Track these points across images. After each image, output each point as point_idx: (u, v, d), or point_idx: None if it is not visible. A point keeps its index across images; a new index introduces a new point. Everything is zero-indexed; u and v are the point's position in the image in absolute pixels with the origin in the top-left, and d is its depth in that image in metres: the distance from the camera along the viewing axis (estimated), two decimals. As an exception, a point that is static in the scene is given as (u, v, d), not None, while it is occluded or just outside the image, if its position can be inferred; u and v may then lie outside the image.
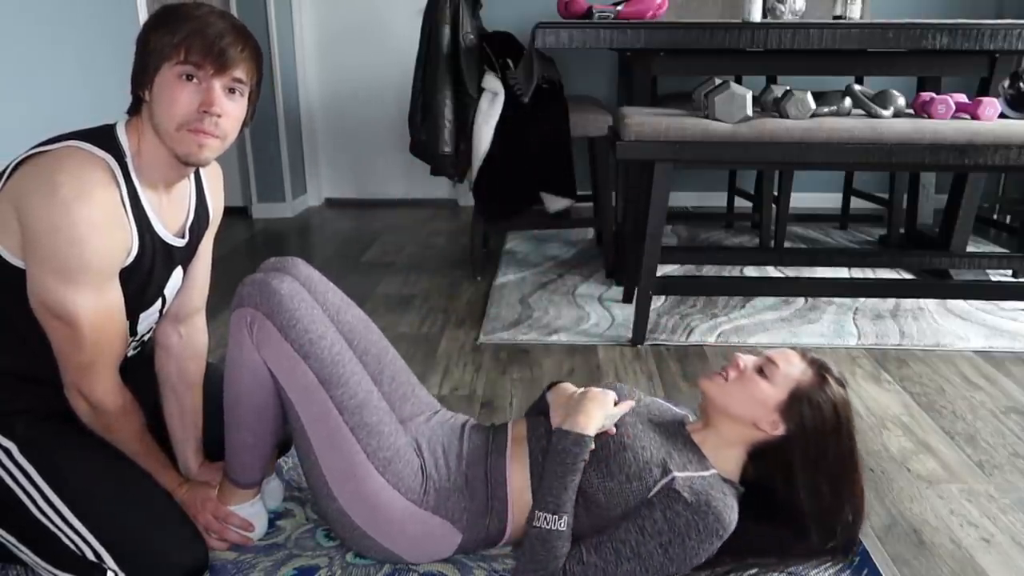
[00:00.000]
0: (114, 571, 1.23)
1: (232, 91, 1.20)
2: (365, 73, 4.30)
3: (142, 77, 1.19)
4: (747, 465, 1.34)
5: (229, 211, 4.02)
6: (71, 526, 1.23)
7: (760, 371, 1.32)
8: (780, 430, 1.29)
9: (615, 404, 1.35)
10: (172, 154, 1.22)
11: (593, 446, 1.30)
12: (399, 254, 3.48)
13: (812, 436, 1.28)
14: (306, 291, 1.35)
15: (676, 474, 1.26)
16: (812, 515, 1.29)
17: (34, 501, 1.23)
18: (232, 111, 1.21)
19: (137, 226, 1.23)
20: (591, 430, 1.30)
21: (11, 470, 1.24)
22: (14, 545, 1.27)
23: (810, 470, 1.28)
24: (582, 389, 1.39)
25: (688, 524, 1.22)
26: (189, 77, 1.16)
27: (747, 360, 1.34)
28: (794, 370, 1.31)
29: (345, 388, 1.29)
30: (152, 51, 1.17)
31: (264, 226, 4.01)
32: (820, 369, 1.32)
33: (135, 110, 1.23)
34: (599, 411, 1.32)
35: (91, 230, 1.14)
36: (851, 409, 1.32)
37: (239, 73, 1.19)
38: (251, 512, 1.42)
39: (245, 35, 1.20)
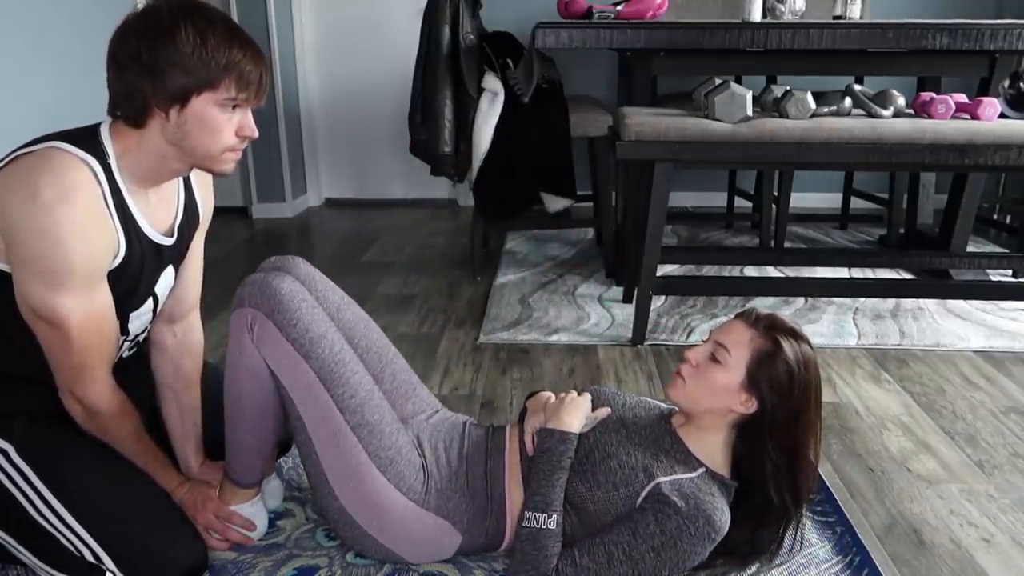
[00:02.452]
0: (113, 572, 1.23)
1: None
2: (365, 73, 4.29)
3: (162, 96, 1.15)
4: (735, 443, 1.32)
5: (229, 211, 4.07)
6: (69, 527, 1.23)
7: (713, 358, 1.29)
8: (754, 406, 1.27)
9: (593, 409, 1.39)
10: (198, 167, 1.25)
11: (576, 443, 1.31)
12: (399, 254, 3.47)
13: (779, 405, 1.26)
14: (307, 290, 1.34)
15: (662, 479, 1.26)
16: (787, 478, 1.28)
17: (32, 503, 1.23)
18: None
19: (123, 227, 1.22)
20: (575, 428, 1.32)
21: (9, 472, 1.24)
22: (13, 547, 1.27)
23: (781, 434, 1.27)
24: (561, 395, 1.41)
25: (679, 528, 1.22)
26: (233, 107, 1.19)
27: (698, 354, 1.31)
28: (744, 345, 1.27)
29: (346, 387, 1.29)
30: (177, 72, 1.13)
31: (264, 226, 4.00)
32: (768, 329, 1.28)
33: (136, 122, 1.18)
34: (579, 411, 1.35)
35: (74, 232, 1.13)
36: (813, 363, 1.28)
37: (264, 97, 1.23)
38: (252, 512, 1.42)
39: (264, 58, 1.22)
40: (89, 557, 1.23)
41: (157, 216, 1.30)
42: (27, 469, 1.24)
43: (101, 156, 1.19)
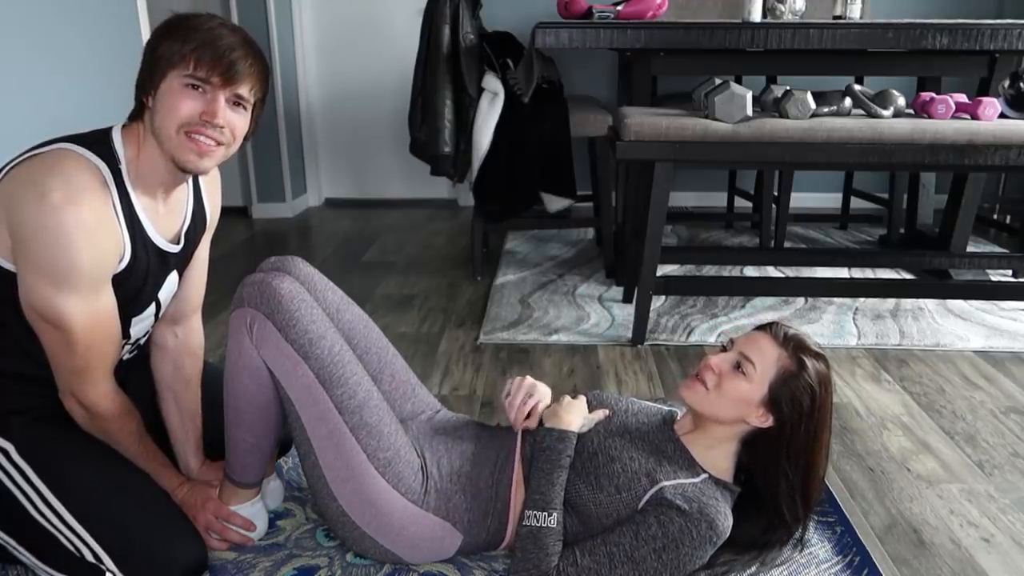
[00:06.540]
0: (112, 572, 1.23)
1: (236, 104, 1.21)
2: (365, 73, 4.29)
3: (147, 83, 1.19)
4: (741, 454, 1.33)
5: (229, 211, 4.05)
6: (70, 527, 1.23)
7: (737, 367, 1.29)
8: (769, 422, 1.28)
9: (590, 411, 1.41)
10: (170, 160, 1.21)
11: (575, 441, 1.33)
12: (399, 254, 3.47)
13: (798, 424, 1.27)
14: (306, 291, 1.34)
15: (665, 483, 1.26)
16: (800, 492, 1.30)
17: (32, 502, 1.23)
18: (236, 122, 1.22)
19: (129, 232, 1.22)
20: (574, 427, 1.34)
21: (9, 471, 1.24)
22: (13, 547, 1.27)
23: (798, 453, 1.28)
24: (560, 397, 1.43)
25: (682, 531, 1.22)
26: (196, 87, 1.17)
27: (721, 362, 1.31)
28: (771, 363, 1.28)
29: (345, 388, 1.29)
30: (160, 57, 1.17)
31: (264, 226, 4.00)
32: (796, 350, 1.28)
33: (137, 115, 1.23)
34: (577, 411, 1.38)
35: (81, 234, 1.13)
36: (830, 384, 1.30)
37: (244, 89, 1.20)
38: (252, 512, 1.42)
39: (255, 50, 1.21)
40: (89, 557, 1.23)
41: (165, 223, 1.30)
42: (27, 468, 1.24)
43: (111, 160, 1.19)
